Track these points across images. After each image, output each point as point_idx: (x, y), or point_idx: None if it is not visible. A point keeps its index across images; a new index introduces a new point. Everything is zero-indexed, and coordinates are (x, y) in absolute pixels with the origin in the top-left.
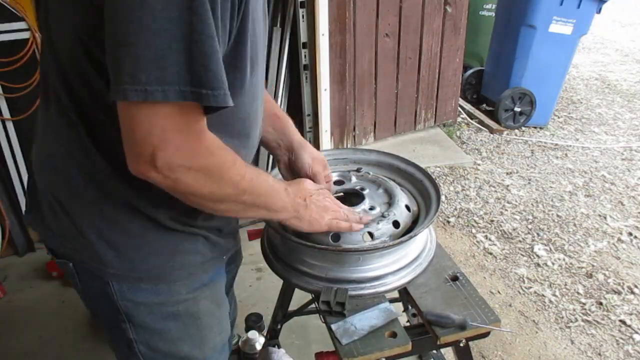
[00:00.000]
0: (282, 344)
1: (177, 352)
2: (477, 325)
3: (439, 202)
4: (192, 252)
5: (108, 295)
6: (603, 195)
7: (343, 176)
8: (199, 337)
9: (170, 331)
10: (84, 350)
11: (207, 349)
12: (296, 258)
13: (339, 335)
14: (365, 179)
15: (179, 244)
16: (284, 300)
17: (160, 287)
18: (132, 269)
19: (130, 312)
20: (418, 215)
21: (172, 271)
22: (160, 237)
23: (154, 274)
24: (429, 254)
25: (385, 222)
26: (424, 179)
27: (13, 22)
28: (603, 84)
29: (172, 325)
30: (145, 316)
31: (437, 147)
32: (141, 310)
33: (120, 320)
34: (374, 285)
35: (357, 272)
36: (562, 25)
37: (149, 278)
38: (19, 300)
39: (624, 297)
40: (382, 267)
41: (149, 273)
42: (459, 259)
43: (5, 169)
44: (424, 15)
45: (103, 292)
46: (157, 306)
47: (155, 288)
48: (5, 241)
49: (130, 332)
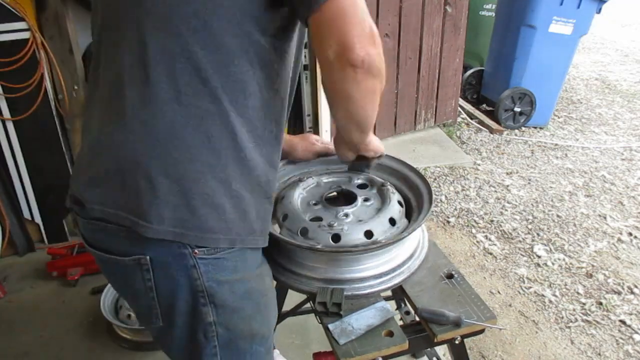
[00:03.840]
0: (281, 344)
1: (250, 329)
2: (472, 323)
3: (431, 202)
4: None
5: (192, 279)
6: (603, 195)
7: (349, 176)
8: (265, 313)
9: (246, 309)
10: (84, 350)
11: (270, 325)
12: (290, 259)
13: (337, 335)
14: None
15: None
16: (278, 300)
17: (238, 264)
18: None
19: (214, 292)
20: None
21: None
22: (255, 201)
23: (258, 230)
24: (421, 253)
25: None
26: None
27: (13, 22)
28: (603, 84)
29: (247, 302)
30: (227, 295)
31: (437, 147)
32: (224, 289)
33: (200, 305)
34: (371, 284)
35: (352, 272)
36: (562, 25)
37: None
38: (19, 300)
39: (623, 297)
40: (377, 267)
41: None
42: (459, 259)
43: (6, 169)
44: (424, 15)
45: (185, 279)
46: (237, 283)
47: (235, 265)
48: (5, 241)
49: (211, 314)
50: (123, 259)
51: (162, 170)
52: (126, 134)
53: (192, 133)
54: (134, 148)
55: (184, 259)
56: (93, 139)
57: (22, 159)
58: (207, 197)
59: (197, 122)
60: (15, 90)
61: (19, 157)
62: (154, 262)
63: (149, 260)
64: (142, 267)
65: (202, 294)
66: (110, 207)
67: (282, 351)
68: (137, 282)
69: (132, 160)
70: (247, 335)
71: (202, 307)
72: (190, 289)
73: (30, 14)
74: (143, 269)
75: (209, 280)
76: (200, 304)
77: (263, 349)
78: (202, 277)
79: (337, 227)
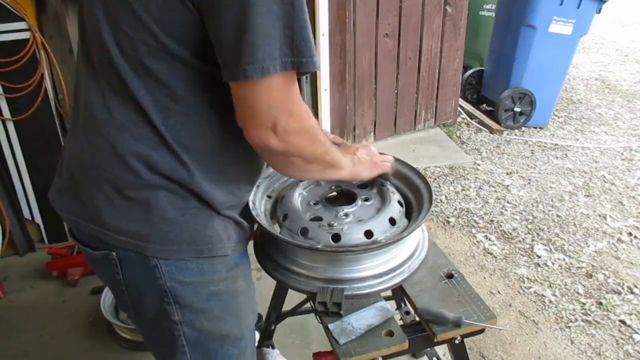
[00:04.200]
0: (281, 344)
1: (219, 330)
2: (472, 323)
3: (431, 202)
4: (229, 231)
5: (155, 278)
6: (603, 195)
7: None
8: (237, 315)
9: (213, 310)
10: (84, 350)
11: (244, 327)
12: (290, 259)
13: (337, 335)
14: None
15: (222, 223)
16: (277, 301)
17: (205, 266)
18: (191, 242)
19: (178, 293)
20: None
21: (215, 244)
22: (210, 217)
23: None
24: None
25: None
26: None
27: (13, 22)
28: (603, 84)
29: (214, 304)
30: (191, 296)
31: (437, 147)
32: (188, 291)
33: (166, 304)
34: (371, 284)
35: (352, 271)
36: (562, 26)
37: (199, 251)
38: (19, 300)
39: (623, 297)
40: (377, 266)
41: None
42: (459, 259)
43: (6, 169)
44: (424, 15)
45: (149, 277)
46: (203, 285)
47: (200, 267)
48: (5, 241)
49: (176, 314)
50: (96, 252)
51: (111, 184)
52: (76, 143)
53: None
54: (81, 158)
55: (146, 259)
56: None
57: (22, 159)
58: (166, 211)
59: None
60: (15, 90)
61: (19, 157)
62: (120, 258)
63: (115, 255)
64: (111, 261)
65: (165, 293)
66: (72, 215)
67: (282, 351)
68: (110, 275)
69: (83, 171)
70: (217, 336)
71: (167, 306)
72: (154, 286)
73: (30, 14)
74: (112, 263)
75: (171, 280)
76: (164, 302)
77: (236, 350)
78: (164, 277)
79: (337, 227)
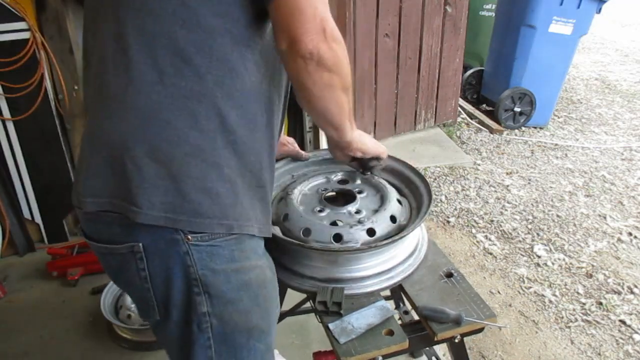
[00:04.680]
0: (281, 344)
1: (247, 322)
2: (472, 321)
3: (431, 202)
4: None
5: (185, 266)
6: (603, 195)
7: (349, 176)
8: (265, 307)
9: (243, 301)
10: (84, 350)
11: (271, 321)
12: (290, 259)
13: (337, 335)
14: (369, 183)
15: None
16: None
17: (236, 253)
18: (222, 216)
19: (209, 282)
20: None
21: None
22: (248, 188)
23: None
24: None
25: (359, 228)
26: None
27: (13, 22)
28: (603, 84)
29: (244, 295)
30: (222, 285)
31: (437, 147)
32: (219, 279)
33: (194, 294)
34: (371, 283)
35: (352, 271)
36: (562, 25)
37: (229, 227)
38: (19, 300)
39: (623, 297)
40: (377, 266)
41: (231, 222)
42: (458, 259)
43: (6, 169)
44: (424, 15)
45: (178, 266)
46: (234, 273)
47: (232, 254)
48: (5, 241)
49: (206, 304)
50: (117, 247)
51: (148, 153)
52: (113, 120)
53: (178, 114)
54: (121, 132)
55: (177, 245)
56: (88, 132)
57: (22, 159)
58: (198, 181)
59: (182, 103)
60: (15, 90)
61: (19, 157)
62: (147, 250)
63: (142, 247)
64: (136, 255)
65: (196, 282)
66: (102, 197)
67: (282, 351)
68: (132, 273)
69: (119, 145)
70: (244, 328)
71: (196, 297)
72: (184, 277)
73: (30, 14)
74: (136, 257)
75: (203, 268)
76: (194, 292)
77: (262, 346)
78: (196, 265)
79: (337, 227)
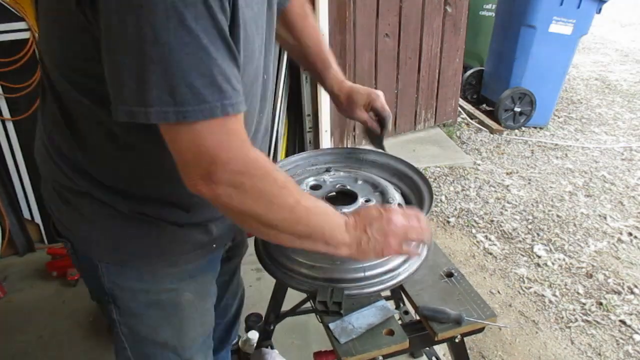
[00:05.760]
0: (281, 344)
1: (156, 338)
2: (473, 321)
3: (432, 202)
4: (175, 242)
5: (97, 275)
6: (603, 195)
7: (317, 180)
8: (179, 326)
9: (151, 318)
10: (84, 350)
11: (187, 339)
12: (290, 258)
13: (337, 334)
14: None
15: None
16: (277, 300)
17: (145, 275)
18: (116, 250)
19: (116, 295)
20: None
21: (152, 257)
22: (141, 224)
23: (137, 257)
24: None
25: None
26: (417, 178)
27: (13, 22)
28: (603, 84)
29: (153, 312)
30: (128, 301)
31: (437, 147)
32: (126, 295)
33: (106, 302)
34: (371, 283)
35: (352, 271)
36: (562, 25)
37: (132, 260)
38: (19, 300)
39: (624, 297)
40: (378, 265)
41: (132, 256)
42: (459, 259)
43: (5, 169)
44: (424, 15)
45: (95, 272)
46: (141, 293)
47: (140, 275)
48: (5, 241)
49: (115, 313)
50: (60, 238)
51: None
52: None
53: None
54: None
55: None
56: None
57: (22, 159)
58: (96, 217)
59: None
60: (15, 90)
61: (19, 157)
62: (74, 247)
63: (70, 246)
64: (69, 249)
65: (105, 292)
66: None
67: (282, 351)
68: (73, 260)
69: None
70: (152, 342)
71: (107, 303)
72: (99, 284)
73: (30, 14)
74: (69, 251)
75: (110, 282)
76: (105, 300)
77: (178, 359)
78: (104, 277)
79: None
